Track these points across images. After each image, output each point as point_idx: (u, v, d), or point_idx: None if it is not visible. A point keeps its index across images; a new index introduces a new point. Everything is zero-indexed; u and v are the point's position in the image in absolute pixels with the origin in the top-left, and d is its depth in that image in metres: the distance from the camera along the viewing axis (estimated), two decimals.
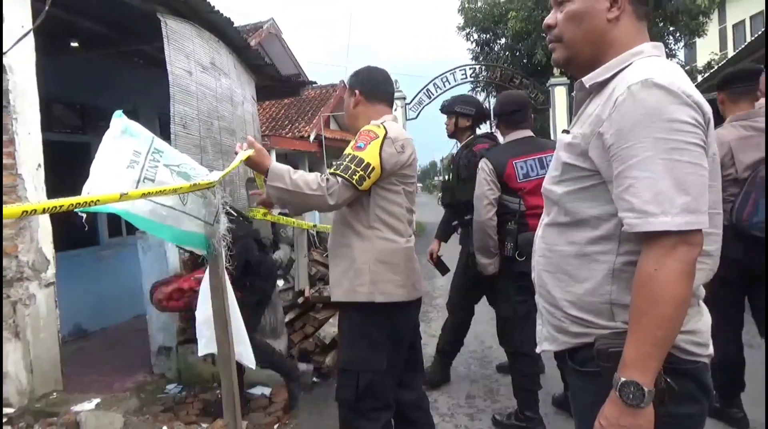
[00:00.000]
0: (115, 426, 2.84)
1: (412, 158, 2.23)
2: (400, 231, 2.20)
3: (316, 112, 15.21)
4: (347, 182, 2.03)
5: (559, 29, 1.36)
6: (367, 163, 2.06)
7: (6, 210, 1.32)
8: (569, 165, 1.31)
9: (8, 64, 3.40)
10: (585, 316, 1.30)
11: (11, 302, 3.28)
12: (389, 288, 2.14)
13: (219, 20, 5.73)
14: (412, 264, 2.23)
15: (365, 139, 2.12)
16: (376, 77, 2.39)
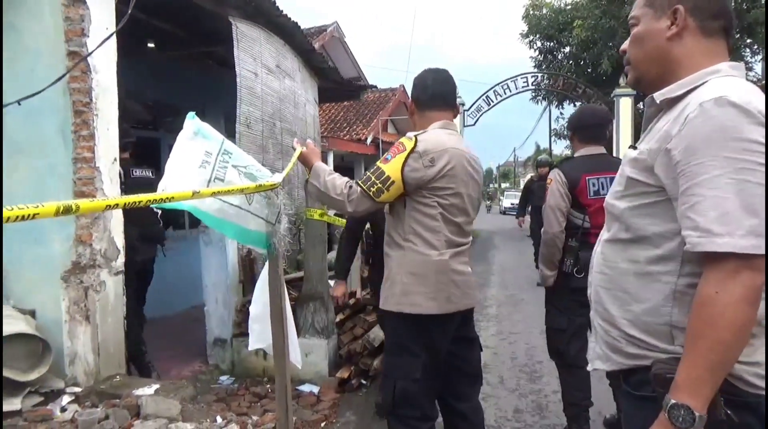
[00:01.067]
0: (173, 412, 2.97)
1: (446, 170, 2.14)
2: (433, 244, 2.17)
3: (374, 116, 15.35)
4: (365, 193, 2.11)
5: (628, 53, 1.40)
6: (387, 176, 2.10)
7: (92, 204, 1.41)
8: (633, 180, 1.30)
9: (93, 64, 3.62)
10: (642, 337, 1.27)
11: (84, 287, 3.49)
12: (418, 300, 2.15)
13: (287, 24, 5.90)
14: (445, 277, 2.17)
15: (394, 151, 2.15)
16: (425, 81, 2.36)
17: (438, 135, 2.22)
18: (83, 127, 3.62)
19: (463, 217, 2.24)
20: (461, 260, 2.26)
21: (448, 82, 2.37)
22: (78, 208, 1.28)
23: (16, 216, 1.13)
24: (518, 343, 5.30)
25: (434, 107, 2.33)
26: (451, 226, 2.20)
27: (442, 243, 2.18)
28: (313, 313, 4.29)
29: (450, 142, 2.21)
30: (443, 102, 2.35)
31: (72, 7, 3.63)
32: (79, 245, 3.53)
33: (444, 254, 2.18)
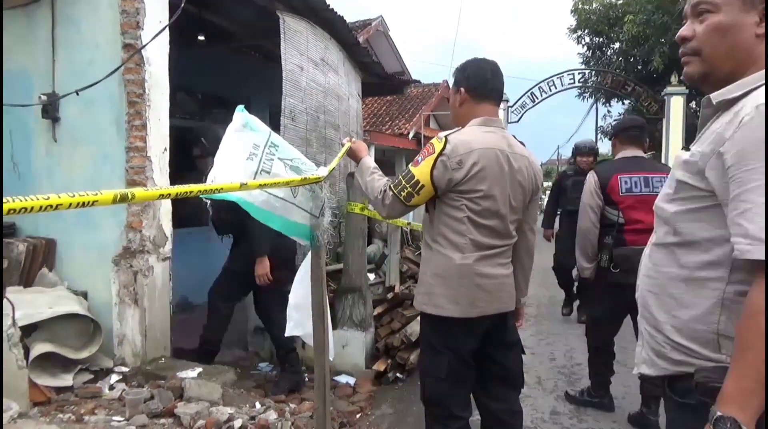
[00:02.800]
0: (214, 396, 3.06)
1: (474, 172, 2.06)
2: (459, 247, 2.12)
3: (416, 110, 15.32)
4: (396, 198, 2.12)
5: (699, 42, 1.27)
6: (416, 180, 2.08)
7: (147, 193, 1.47)
8: (683, 183, 1.26)
9: (147, 56, 3.74)
10: (688, 344, 1.24)
11: (133, 272, 3.62)
12: (441, 301, 2.14)
13: (333, 18, 5.93)
14: (469, 281, 2.12)
15: (424, 153, 2.12)
16: (483, 73, 2.25)
17: (472, 134, 2.14)
18: (136, 118, 3.75)
19: (496, 220, 2.15)
20: (495, 262, 2.18)
21: (501, 75, 2.30)
22: (134, 196, 1.34)
23: (78, 202, 1.19)
24: (557, 345, 5.22)
25: (489, 100, 2.26)
26: (480, 229, 2.13)
27: (468, 246, 2.12)
28: (351, 306, 4.33)
29: (483, 140, 2.12)
30: (498, 96, 2.29)
31: (128, 1, 3.74)
32: (130, 231, 3.67)
33: (468, 258, 2.12)
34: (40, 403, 2.97)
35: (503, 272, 2.22)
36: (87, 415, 2.82)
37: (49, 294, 3.49)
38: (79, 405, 2.97)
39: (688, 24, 1.31)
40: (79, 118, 3.92)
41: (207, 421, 2.75)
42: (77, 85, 3.70)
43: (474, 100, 2.26)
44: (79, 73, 3.83)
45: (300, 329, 2.35)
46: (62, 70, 3.97)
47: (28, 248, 3.74)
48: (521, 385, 2.47)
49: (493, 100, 2.27)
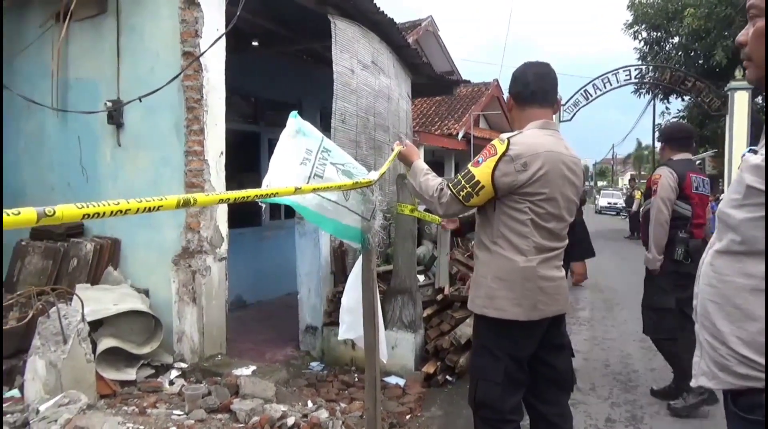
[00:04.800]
0: (268, 393, 3.14)
1: (539, 175, 2.06)
2: (522, 249, 2.11)
3: (466, 110, 15.19)
4: (455, 197, 2.11)
5: (749, 47, 1.24)
6: (477, 180, 2.06)
7: (208, 198, 1.53)
8: (754, 189, 1.20)
9: (204, 63, 3.88)
10: (756, 358, 1.19)
11: (191, 271, 3.76)
12: (503, 304, 2.12)
13: (383, 21, 5.97)
14: (532, 284, 2.11)
15: (485, 154, 2.10)
16: (525, 77, 2.25)
17: (534, 136, 2.14)
18: (194, 122, 3.89)
19: (556, 222, 2.15)
20: (553, 265, 2.18)
21: (549, 78, 2.27)
22: (195, 201, 1.39)
23: (144, 207, 1.25)
24: (612, 350, 5.08)
25: (534, 104, 2.24)
26: (542, 231, 2.13)
27: (531, 249, 2.11)
28: (401, 307, 4.35)
29: (546, 144, 2.12)
30: (544, 99, 2.25)
31: (188, 10, 3.89)
32: (189, 232, 3.81)
33: (532, 261, 2.11)
34: (106, 395, 3.13)
35: (559, 274, 2.23)
36: (149, 408, 2.95)
37: (114, 291, 3.67)
38: (142, 398, 3.12)
39: (745, 28, 1.27)
40: (141, 123, 4.11)
41: (261, 418, 2.83)
42: (140, 92, 3.88)
43: (519, 105, 2.28)
44: (142, 81, 4.01)
45: (352, 332, 2.39)
46: (126, 78, 4.17)
47: (95, 248, 3.94)
48: (571, 388, 2.45)
49: (538, 104, 2.25)
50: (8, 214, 0.95)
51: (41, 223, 1.01)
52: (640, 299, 4.02)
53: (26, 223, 0.99)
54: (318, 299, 4.63)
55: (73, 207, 1.06)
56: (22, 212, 0.97)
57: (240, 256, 5.90)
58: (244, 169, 6.99)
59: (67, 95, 4.48)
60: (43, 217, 1.00)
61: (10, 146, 4.95)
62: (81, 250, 3.95)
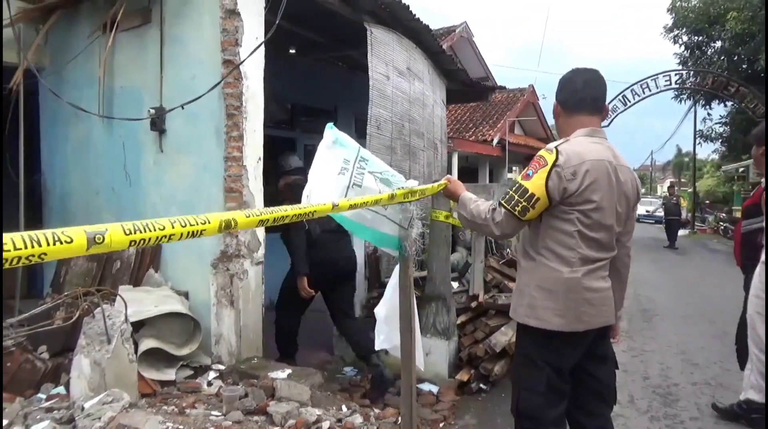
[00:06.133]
0: (303, 397, 3.17)
1: (587, 183, 2.02)
2: (567, 260, 2.07)
3: (501, 116, 15.09)
4: (510, 214, 2.06)
5: None
6: (531, 193, 2.02)
7: (247, 220, 1.53)
8: None
9: (244, 70, 3.96)
10: None
11: (230, 275, 3.84)
12: (546, 315, 2.09)
13: (419, 27, 5.99)
14: (577, 295, 2.07)
15: (534, 166, 2.06)
16: (574, 84, 2.22)
17: (581, 144, 2.10)
18: (234, 129, 3.97)
19: (604, 232, 2.11)
20: (599, 276, 2.13)
21: (598, 84, 2.24)
22: (236, 223, 1.42)
23: (188, 232, 1.29)
24: (651, 363, 4.96)
25: (583, 111, 2.21)
26: (589, 242, 2.09)
27: (577, 260, 2.08)
28: (435, 314, 4.34)
29: (594, 151, 2.08)
30: (593, 106, 2.21)
31: (228, 20, 3.98)
32: (227, 236, 3.88)
33: (577, 272, 2.08)
34: (147, 394, 3.21)
35: (605, 285, 2.17)
36: (188, 409, 3.02)
37: (155, 293, 3.76)
38: (181, 398, 3.19)
39: None
40: (182, 130, 4.22)
41: (297, 421, 2.86)
42: (182, 99, 3.99)
43: (566, 113, 2.24)
44: (184, 89, 4.12)
45: (388, 342, 2.40)
46: (169, 85, 4.28)
47: (137, 250, 4.06)
48: (614, 402, 2.39)
49: (586, 111, 2.21)
50: (59, 240, 0.98)
51: (91, 251, 1.04)
52: (679, 311, 3.88)
53: (77, 251, 1.02)
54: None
55: (121, 232, 1.09)
56: (74, 238, 1.00)
57: (275, 261, 5.97)
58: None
59: (113, 103, 4.63)
60: (93, 246, 1.03)
61: (58, 151, 5.15)
62: (124, 252, 4.08)
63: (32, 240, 0.95)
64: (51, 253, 0.98)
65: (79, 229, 1.02)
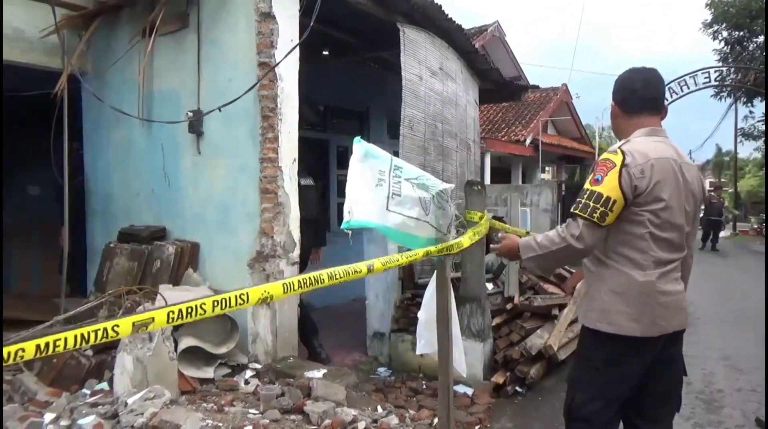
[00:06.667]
0: (339, 397, 3.19)
1: (654, 182, 1.97)
2: (640, 264, 2.01)
3: (534, 116, 14.91)
4: (589, 222, 1.97)
5: None
6: (606, 197, 1.95)
7: (283, 294, 1.55)
8: None
9: (279, 73, 4.00)
10: None
11: (265, 275, 3.88)
12: (619, 320, 2.02)
13: (451, 27, 5.96)
14: (651, 299, 2.00)
15: (602, 170, 1.99)
16: (633, 84, 2.16)
17: (643, 144, 2.04)
18: (269, 130, 4.02)
19: (675, 232, 2.04)
20: (672, 278, 2.06)
21: (658, 84, 2.18)
22: (272, 296, 1.50)
23: (226, 306, 1.34)
24: (693, 367, 4.81)
25: (643, 112, 2.15)
26: (660, 243, 2.02)
27: (650, 263, 2.01)
28: (470, 316, 4.30)
29: (657, 150, 2.02)
30: (653, 106, 2.15)
31: (264, 23, 4.03)
32: (263, 237, 3.93)
33: (651, 275, 2.01)
34: (187, 391, 3.28)
35: (679, 288, 2.11)
36: (227, 406, 3.06)
37: (194, 292, 3.83)
38: (220, 396, 3.24)
39: None
40: (219, 132, 4.29)
41: (333, 421, 2.88)
42: (218, 102, 4.05)
43: (625, 114, 2.18)
44: (220, 91, 4.19)
45: (429, 347, 2.39)
46: (206, 88, 4.36)
47: (176, 250, 4.14)
48: (678, 408, 2.29)
49: (647, 112, 2.15)
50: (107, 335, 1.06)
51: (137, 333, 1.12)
52: (721, 315, 3.74)
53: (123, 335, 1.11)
54: (386, 305, 4.66)
55: (165, 319, 1.17)
56: (120, 326, 1.06)
57: None
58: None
59: (152, 106, 4.74)
60: (140, 329, 1.12)
61: (100, 155, 5.29)
62: (163, 252, 4.16)
63: (82, 338, 1.02)
64: None
65: (128, 321, 1.09)
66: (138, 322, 1.09)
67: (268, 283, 3.82)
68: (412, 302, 4.62)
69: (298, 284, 1.53)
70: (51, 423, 2.72)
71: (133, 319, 1.09)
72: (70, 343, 0.97)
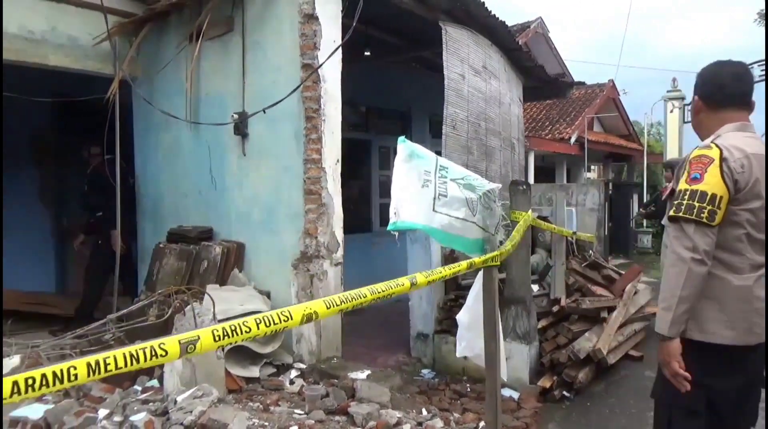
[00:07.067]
0: (383, 399, 3.17)
1: (755, 177, 1.85)
2: (736, 267, 1.87)
3: (579, 113, 14.55)
4: (699, 223, 1.82)
5: None
6: (712, 194, 1.82)
7: (327, 310, 1.55)
8: None
9: (322, 74, 4.02)
10: None
11: (310, 275, 3.91)
12: (713, 327, 1.89)
13: (494, 24, 5.87)
14: (748, 305, 1.87)
15: (698, 167, 1.86)
16: (720, 78, 2.03)
17: (735, 139, 1.93)
18: (312, 131, 4.05)
19: None
20: (763, 282, 1.92)
21: (747, 77, 2.06)
22: (317, 315, 1.49)
23: (272, 330, 1.38)
24: None
25: (730, 107, 2.02)
26: (755, 245, 1.89)
27: (746, 266, 1.88)
28: (515, 318, 4.22)
29: (751, 145, 1.91)
30: (742, 101, 2.03)
31: (307, 24, 4.06)
32: (307, 237, 3.96)
33: (747, 279, 1.88)
34: (233, 390, 3.32)
35: None
36: (272, 406, 3.09)
37: (240, 292, 3.89)
38: (265, 396, 3.27)
39: None
40: (264, 133, 4.34)
41: (378, 423, 2.86)
42: (263, 104, 4.10)
43: (711, 108, 2.05)
44: (264, 93, 4.24)
45: (470, 350, 2.35)
46: (250, 91, 4.43)
47: (223, 251, 4.21)
48: (754, 423, 2.13)
49: (735, 106, 2.02)
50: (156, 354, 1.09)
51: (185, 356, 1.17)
52: None
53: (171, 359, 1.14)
54: (429, 307, 4.62)
55: (211, 339, 1.20)
56: (167, 344, 1.11)
57: (351, 262, 6.03)
58: (356, 176, 7.18)
59: (199, 109, 4.85)
60: (184, 354, 1.15)
61: (150, 157, 5.44)
62: (210, 252, 4.24)
63: (131, 357, 1.06)
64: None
65: (174, 339, 1.13)
66: (185, 341, 1.13)
67: (312, 284, 3.86)
68: (455, 303, 4.57)
69: (340, 301, 1.53)
70: (104, 418, 2.80)
71: (180, 338, 1.12)
72: (120, 362, 1.02)
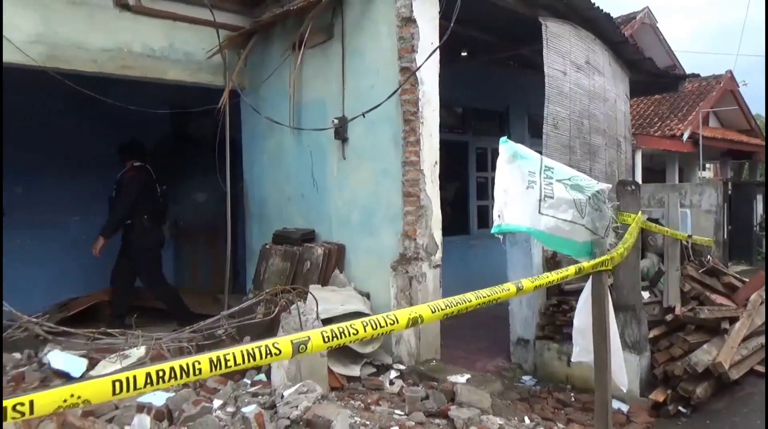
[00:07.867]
0: (484, 404, 3.11)
1: None
2: None
3: (692, 108, 13.52)
4: None
5: None
6: None
7: (432, 315, 1.68)
8: None
9: (420, 76, 4.03)
10: None
11: (408, 277, 3.93)
12: None
13: (598, 16, 5.60)
14: None
15: None
16: None
17: None
18: (411, 134, 4.07)
19: None
20: None
21: None
22: (422, 319, 1.52)
23: (379, 333, 1.46)
24: None
25: None
26: None
27: None
28: (623, 325, 3.98)
29: None
30: None
31: (405, 27, 4.09)
32: (406, 239, 3.98)
33: None
34: (335, 388, 3.41)
35: None
36: (373, 405, 3.14)
37: (341, 293, 3.99)
38: (366, 395, 3.33)
39: None
40: (363, 137, 4.43)
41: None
42: (361, 108, 4.18)
43: None
44: (363, 98, 4.32)
45: (586, 354, 2.25)
46: (350, 96, 4.53)
47: (324, 252, 4.35)
48: None
49: None
50: (270, 352, 1.16)
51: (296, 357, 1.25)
52: None
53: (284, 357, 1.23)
54: (530, 311, 4.49)
55: (320, 340, 1.27)
56: (281, 348, 1.17)
57: (449, 264, 5.99)
58: (453, 178, 7.13)
59: (301, 115, 5.04)
60: (296, 353, 1.23)
61: (256, 162, 5.73)
62: (313, 253, 4.39)
63: (248, 354, 1.15)
64: None
65: (287, 339, 1.21)
66: (297, 341, 1.20)
67: (411, 286, 3.88)
68: (557, 309, 4.40)
69: (444, 305, 1.53)
70: (219, 408, 2.98)
71: (292, 338, 1.20)
72: (239, 359, 1.12)
